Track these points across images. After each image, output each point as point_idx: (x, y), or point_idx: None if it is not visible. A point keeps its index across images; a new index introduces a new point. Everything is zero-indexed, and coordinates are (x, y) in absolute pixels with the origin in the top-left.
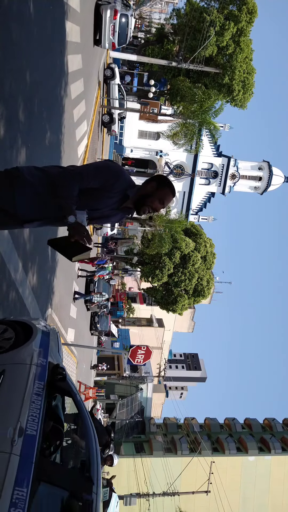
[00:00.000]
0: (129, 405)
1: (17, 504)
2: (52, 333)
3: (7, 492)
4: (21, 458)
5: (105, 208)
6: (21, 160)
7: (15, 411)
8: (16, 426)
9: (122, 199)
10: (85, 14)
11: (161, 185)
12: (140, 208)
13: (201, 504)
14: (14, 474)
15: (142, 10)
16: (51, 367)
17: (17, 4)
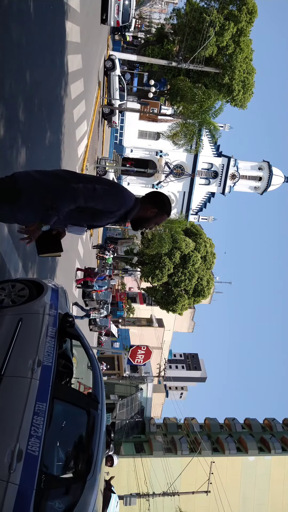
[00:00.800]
0: (129, 405)
1: (38, 413)
2: (60, 290)
3: (31, 405)
4: (40, 381)
5: (104, 224)
6: (21, 160)
7: (33, 348)
8: (35, 358)
9: (122, 219)
10: (86, 12)
11: (161, 211)
12: (137, 227)
13: (201, 504)
14: (35, 393)
15: (142, 10)
16: (61, 317)
17: (17, 4)
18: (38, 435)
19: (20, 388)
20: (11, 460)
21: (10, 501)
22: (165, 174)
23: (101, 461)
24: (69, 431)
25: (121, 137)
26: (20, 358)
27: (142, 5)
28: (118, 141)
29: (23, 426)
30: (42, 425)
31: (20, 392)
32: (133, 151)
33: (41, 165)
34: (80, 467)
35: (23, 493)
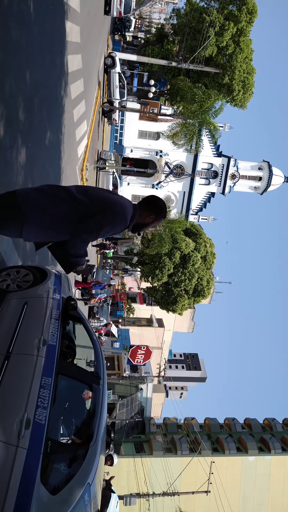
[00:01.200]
0: (129, 405)
1: (45, 387)
2: (63, 276)
3: (37, 379)
4: (45, 359)
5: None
6: (21, 160)
7: (38, 329)
8: (40, 338)
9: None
10: (86, 12)
11: (159, 216)
12: (136, 231)
13: (201, 504)
14: (41, 369)
15: (142, 10)
16: (64, 300)
17: (17, 4)
18: (44, 406)
19: (27, 364)
20: (20, 428)
21: (19, 463)
22: (165, 174)
23: (103, 431)
24: (73, 403)
25: (121, 137)
26: (26, 337)
27: (142, 5)
28: (118, 141)
29: (30, 397)
30: (48, 397)
31: (27, 368)
32: (133, 151)
33: (41, 165)
34: (83, 435)
35: (31, 456)
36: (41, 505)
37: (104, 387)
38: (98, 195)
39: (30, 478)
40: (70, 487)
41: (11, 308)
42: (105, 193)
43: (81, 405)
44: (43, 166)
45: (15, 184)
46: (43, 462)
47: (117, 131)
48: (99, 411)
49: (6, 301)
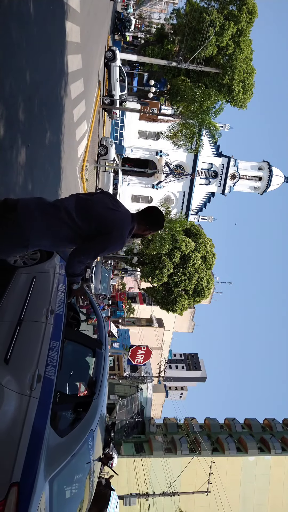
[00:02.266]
0: (129, 405)
1: (53, 349)
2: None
3: (47, 342)
4: (53, 326)
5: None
6: (21, 160)
7: (46, 300)
8: (48, 308)
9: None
10: (86, 12)
11: (155, 228)
12: (132, 238)
13: (201, 504)
14: (50, 334)
15: (142, 10)
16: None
17: (17, 4)
18: (53, 365)
19: (37, 329)
20: (32, 381)
21: (32, 410)
22: (165, 174)
23: (105, 388)
24: (78, 364)
25: (121, 137)
26: (35, 307)
27: (142, 5)
28: (118, 141)
29: (41, 357)
30: (56, 358)
31: (37, 333)
32: (133, 151)
33: (41, 165)
34: (87, 390)
35: (42, 405)
36: (51, 445)
37: (105, 351)
38: (97, 217)
39: (41, 422)
40: (76, 431)
41: (21, 282)
42: (105, 213)
43: (86, 365)
44: (43, 166)
45: (15, 184)
46: (52, 410)
47: (117, 131)
48: (101, 371)
49: (16, 276)
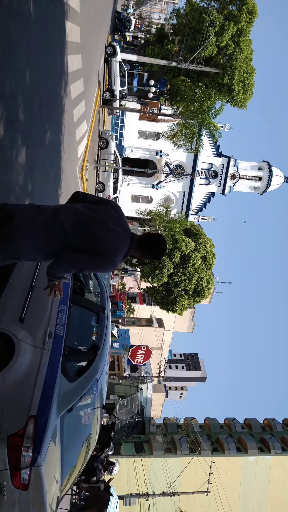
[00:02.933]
0: (129, 405)
1: (62, 311)
2: None
3: (56, 305)
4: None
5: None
6: (21, 160)
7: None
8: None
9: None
10: (86, 12)
11: (152, 259)
12: (132, 256)
13: (201, 504)
14: (58, 299)
15: (142, 10)
16: None
17: (17, 4)
18: (62, 324)
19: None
20: (44, 337)
21: (45, 360)
22: (165, 174)
23: (108, 345)
24: (84, 324)
25: (121, 137)
26: (44, 276)
27: (142, 5)
28: (118, 141)
29: (51, 317)
30: (65, 318)
31: (47, 297)
32: (133, 151)
33: (41, 165)
34: (92, 346)
35: (53, 355)
36: (62, 388)
37: (108, 316)
38: (94, 238)
39: (53, 370)
40: (83, 378)
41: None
42: (103, 235)
43: (91, 326)
44: (43, 166)
45: (15, 184)
46: (63, 361)
47: (117, 131)
48: (104, 330)
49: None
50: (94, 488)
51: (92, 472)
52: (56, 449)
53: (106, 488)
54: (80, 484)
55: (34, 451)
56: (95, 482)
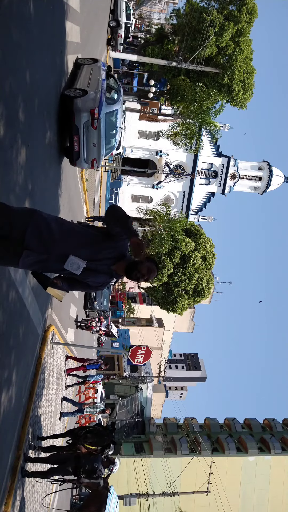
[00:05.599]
0: (129, 405)
1: (103, 83)
2: (104, 63)
3: (101, 82)
4: (103, 80)
5: (102, 260)
6: (21, 160)
7: (99, 77)
8: (99, 90)
9: (120, 257)
10: (86, 12)
11: (150, 260)
12: (132, 271)
13: (201, 504)
14: (102, 81)
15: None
16: (106, 69)
17: (17, 4)
18: (103, 92)
19: (97, 72)
20: (97, 87)
21: (100, 95)
22: (165, 174)
23: (120, 108)
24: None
25: None
26: (93, 80)
27: (142, 5)
28: None
29: (99, 85)
30: (105, 87)
31: (98, 73)
32: (133, 151)
33: (41, 165)
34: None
35: (102, 94)
36: (106, 101)
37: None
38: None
39: (103, 95)
40: (114, 105)
41: (85, 70)
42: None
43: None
44: (43, 166)
45: (15, 184)
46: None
47: None
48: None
49: (82, 68)
50: (94, 484)
51: (93, 472)
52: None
53: (105, 484)
54: (80, 480)
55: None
56: (95, 478)
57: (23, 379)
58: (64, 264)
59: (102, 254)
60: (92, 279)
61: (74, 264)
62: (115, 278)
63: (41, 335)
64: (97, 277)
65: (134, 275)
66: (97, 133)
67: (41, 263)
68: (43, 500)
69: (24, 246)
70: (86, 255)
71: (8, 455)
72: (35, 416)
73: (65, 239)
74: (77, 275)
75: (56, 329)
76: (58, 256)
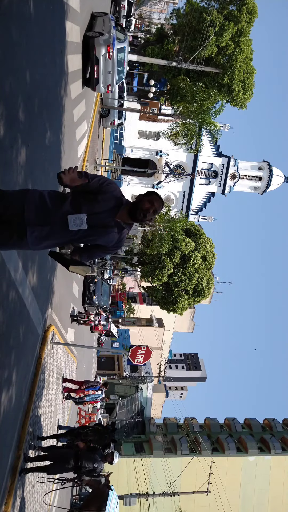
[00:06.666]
0: (129, 405)
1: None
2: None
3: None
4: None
5: (102, 213)
6: (21, 160)
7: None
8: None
9: (118, 205)
10: (86, 12)
11: (148, 194)
12: (135, 213)
13: (201, 504)
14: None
15: (142, 10)
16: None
17: (17, 4)
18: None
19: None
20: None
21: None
22: (165, 174)
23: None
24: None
25: (121, 137)
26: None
27: (142, 5)
28: (118, 141)
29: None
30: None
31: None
32: (133, 151)
33: (41, 165)
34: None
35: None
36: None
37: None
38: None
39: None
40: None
41: (99, 20)
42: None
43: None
44: (43, 166)
45: (15, 184)
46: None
47: (117, 131)
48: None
49: (97, 19)
50: (96, 482)
51: (92, 470)
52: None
53: (106, 482)
54: (82, 476)
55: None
56: (96, 476)
57: (23, 379)
58: (69, 227)
59: (98, 206)
60: (104, 239)
61: (77, 220)
62: (125, 228)
63: (41, 335)
64: (107, 234)
65: (139, 215)
66: (111, 62)
67: (49, 238)
68: (44, 498)
69: (25, 224)
70: (84, 209)
71: (8, 455)
72: (35, 416)
73: (58, 203)
74: (88, 236)
75: (56, 329)
76: (59, 223)
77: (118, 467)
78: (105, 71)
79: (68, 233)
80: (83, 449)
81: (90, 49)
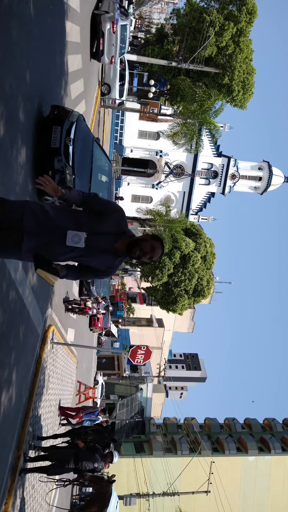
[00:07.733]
0: (129, 405)
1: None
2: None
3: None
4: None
5: (103, 235)
6: (21, 160)
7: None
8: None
9: (120, 233)
10: (86, 12)
11: (154, 238)
12: (132, 248)
13: (201, 504)
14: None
15: (142, 10)
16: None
17: (17, 4)
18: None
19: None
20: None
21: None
22: (165, 174)
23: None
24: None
25: (121, 137)
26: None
27: (142, 5)
28: (118, 141)
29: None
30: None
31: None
32: (133, 151)
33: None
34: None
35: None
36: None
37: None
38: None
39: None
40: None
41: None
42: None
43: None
44: None
45: (15, 184)
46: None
47: (117, 131)
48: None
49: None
50: (98, 478)
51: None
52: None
53: (109, 479)
54: (84, 475)
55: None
56: (98, 472)
57: (23, 379)
58: (66, 242)
59: (100, 227)
60: (98, 261)
61: (75, 237)
62: (121, 257)
63: (41, 335)
64: (103, 257)
65: (134, 252)
66: (115, 36)
67: (45, 247)
68: (46, 496)
69: (23, 232)
70: (85, 228)
71: (8, 455)
72: (35, 416)
73: (60, 217)
74: (83, 256)
75: (56, 329)
76: (58, 234)
77: (118, 467)
78: (109, 44)
79: (64, 249)
80: (83, 449)
81: (97, 24)
